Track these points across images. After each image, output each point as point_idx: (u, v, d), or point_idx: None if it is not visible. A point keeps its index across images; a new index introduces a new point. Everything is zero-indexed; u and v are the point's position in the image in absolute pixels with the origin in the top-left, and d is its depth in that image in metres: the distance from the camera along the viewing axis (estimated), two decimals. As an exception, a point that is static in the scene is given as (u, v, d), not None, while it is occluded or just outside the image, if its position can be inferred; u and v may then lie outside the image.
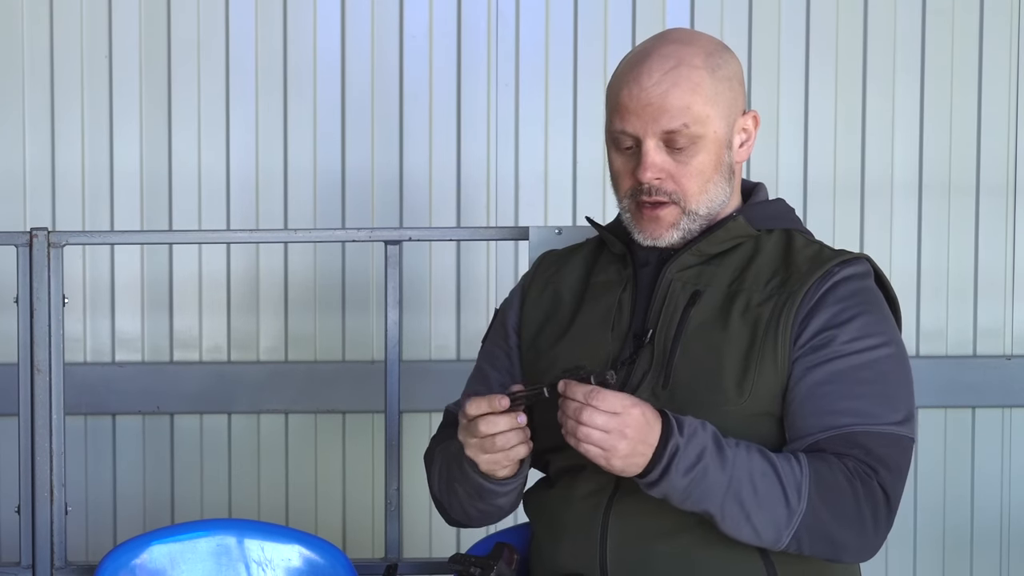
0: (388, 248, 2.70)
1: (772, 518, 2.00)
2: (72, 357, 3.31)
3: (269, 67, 3.42)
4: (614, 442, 1.94)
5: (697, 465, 1.96)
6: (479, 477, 2.09)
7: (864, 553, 2.09)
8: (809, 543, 2.02)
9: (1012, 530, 3.58)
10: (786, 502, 2.00)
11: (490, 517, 2.22)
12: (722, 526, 2.01)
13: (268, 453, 3.47)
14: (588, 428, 1.93)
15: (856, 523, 2.03)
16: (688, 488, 1.97)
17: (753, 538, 2.01)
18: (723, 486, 1.98)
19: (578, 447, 1.96)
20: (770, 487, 1.99)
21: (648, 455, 1.95)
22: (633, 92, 2.10)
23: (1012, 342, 3.56)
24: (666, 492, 1.98)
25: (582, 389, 1.94)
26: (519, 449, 2.04)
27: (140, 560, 2.40)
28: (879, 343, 2.09)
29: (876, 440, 2.05)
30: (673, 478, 1.96)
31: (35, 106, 3.40)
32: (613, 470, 1.96)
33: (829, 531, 2.02)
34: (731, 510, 1.99)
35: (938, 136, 3.53)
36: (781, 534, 2.01)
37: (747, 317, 2.09)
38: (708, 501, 1.98)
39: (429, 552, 3.44)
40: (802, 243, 2.17)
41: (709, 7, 3.46)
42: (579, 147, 3.46)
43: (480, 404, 2.01)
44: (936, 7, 3.51)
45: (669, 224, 2.13)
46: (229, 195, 3.43)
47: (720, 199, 2.15)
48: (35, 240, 2.64)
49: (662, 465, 1.95)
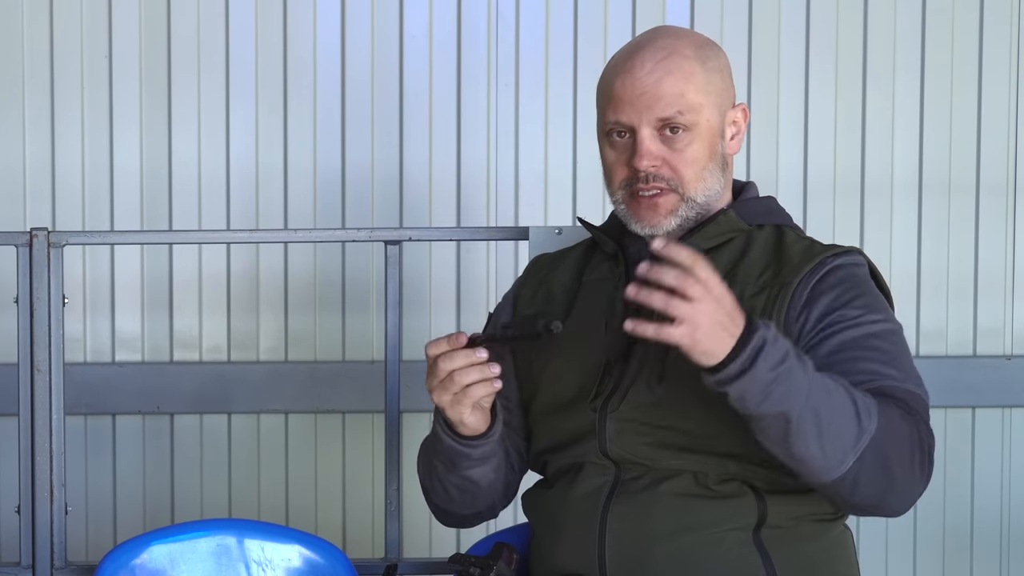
0: (388, 248, 2.70)
1: (842, 434, 1.92)
2: (72, 357, 3.31)
3: (269, 67, 3.43)
4: (709, 310, 1.84)
5: (783, 364, 1.89)
6: (449, 438, 2.11)
7: (907, 500, 2.02)
8: (868, 472, 1.95)
9: (1012, 530, 3.58)
10: (858, 420, 1.93)
11: (469, 498, 2.23)
12: (793, 438, 1.91)
13: (268, 453, 3.47)
14: (679, 300, 1.84)
15: (910, 464, 1.98)
16: (770, 386, 1.88)
17: (818, 456, 1.93)
18: (804, 391, 1.90)
19: (667, 309, 1.85)
20: (844, 403, 1.93)
21: (732, 340, 1.87)
22: (627, 82, 2.11)
23: (1012, 342, 3.56)
24: (745, 389, 1.88)
25: (684, 252, 1.85)
26: (478, 388, 2.03)
27: (140, 560, 2.40)
28: (882, 319, 2.09)
29: (905, 394, 2.03)
30: (759, 370, 1.87)
31: (35, 106, 3.40)
32: (697, 347, 1.86)
33: (890, 463, 1.96)
34: (807, 418, 1.90)
35: (938, 136, 3.53)
36: (847, 455, 1.93)
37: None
38: (788, 402, 1.89)
39: (429, 552, 3.44)
40: (793, 238, 2.17)
41: (709, 7, 3.46)
42: (579, 147, 3.46)
43: (439, 344, 2.03)
44: (936, 6, 3.51)
45: (667, 211, 2.13)
46: (229, 195, 3.43)
47: (715, 189, 2.16)
48: (35, 240, 2.64)
49: (747, 353, 1.86)
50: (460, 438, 2.13)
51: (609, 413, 2.13)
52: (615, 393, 2.13)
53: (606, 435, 2.13)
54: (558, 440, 2.20)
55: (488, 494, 2.25)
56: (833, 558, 2.16)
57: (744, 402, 1.90)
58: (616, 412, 2.12)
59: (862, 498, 1.99)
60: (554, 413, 2.21)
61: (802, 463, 1.95)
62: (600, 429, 2.13)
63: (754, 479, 2.09)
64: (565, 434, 2.18)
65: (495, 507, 2.32)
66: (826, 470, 1.95)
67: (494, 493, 2.27)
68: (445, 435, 2.13)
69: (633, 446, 2.10)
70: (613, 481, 2.12)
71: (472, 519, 2.33)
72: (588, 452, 2.15)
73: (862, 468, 1.95)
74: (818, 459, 1.94)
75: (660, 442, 2.09)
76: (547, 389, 2.23)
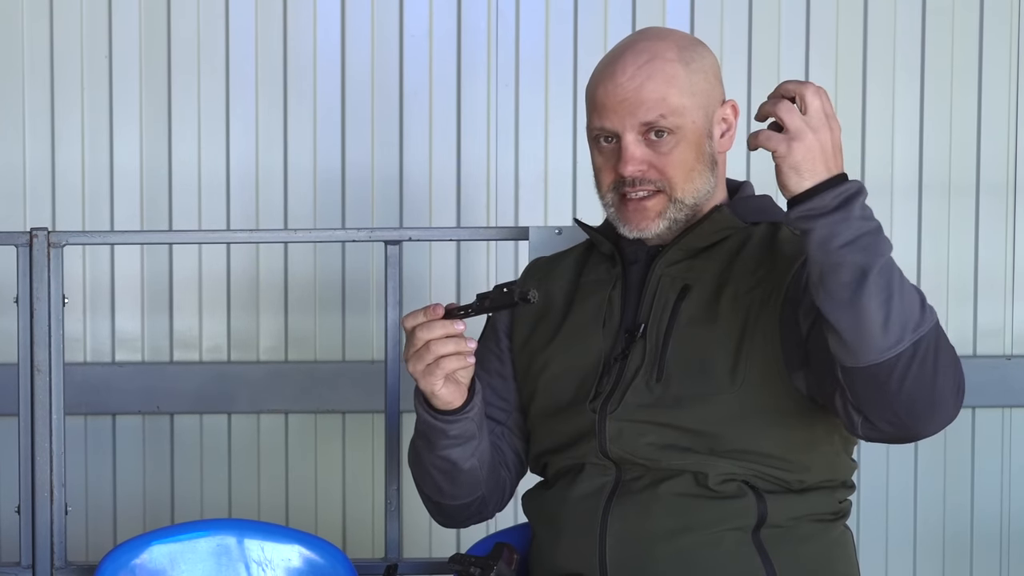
0: (388, 248, 2.70)
1: (907, 312, 1.88)
2: (72, 357, 3.31)
3: (269, 67, 3.43)
4: (801, 137, 1.87)
5: (872, 219, 1.89)
6: (425, 411, 2.12)
7: (940, 419, 1.94)
8: (920, 362, 1.89)
9: (1012, 530, 3.58)
10: (923, 306, 1.91)
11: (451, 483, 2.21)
12: (865, 294, 1.87)
13: (268, 453, 3.47)
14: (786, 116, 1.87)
15: (952, 377, 1.93)
16: (860, 232, 1.87)
17: (880, 325, 1.87)
18: (886, 253, 1.89)
19: (775, 110, 1.88)
20: (912, 289, 1.92)
21: (825, 173, 1.87)
22: (608, 89, 2.12)
23: (1012, 342, 3.56)
24: (835, 226, 1.87)
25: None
26: (452, 360, 2.04)
27: (140, 560, 2.40)
28: None
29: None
30: (854, 212, 1.87)
31: (35, 106, 3.40)
32: (792, 156, 1.86)
33: (939, 363, 1.91)
34: (883, 278, 1.88)
35: (938, 136, 3.53)
36: (905, 334, 1.88)
37: (736, 307, 2.09)
38: (872, 254, 1.87)
39: (429, 552, 3.44)
40: (787, 234, 2.17)
41: (709, 7, 3.46)
42: (579, 147, 3.46)
43: (416, 315, 2.05)
44: (936, 7, 3.51)
45: (656, 214, 2.14)
46: (229, 195, 3.43)
47: (705, 189, 2.16)
48: (35, 240, 2.64)
49: (846, 189, 1.87)
50: (435, 412, 2.13)
51: (609, 413, 2.13)
52: (614, 393, 2.13)
53: (606, 435, 2.13)
54: (558, 441, 2.20)
55: (472, 482, 2.23)
56: (833, 558, 2.16)
57: (830, 240, 1.87)
58: (615, 412, 2.12)
59: (902, 393, 1.90)
60: (553, 414, 2.21)
61: (863, 327, 1.87)
62: (600, 430, 2.13)
63: (754, 479, 2.09)
64: (565, 435, 2.19)
65: (485, 502, 2.29)
66: (883, 344, 1.87)
67: (478, 482, 2.24)
68: (421, 409, 2.14)
69: (633, 446, 2.11)
70: (614, 482, 2.12)
71: (463, 513, 2.30)
72: (588, 453, 2.15)
73: (915, 355, 1.89)
74: (878, 327, 1.87)
75: (660, 442, 2.09)
76: (545, 390, 2.23)
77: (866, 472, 3.41)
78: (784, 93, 1.91)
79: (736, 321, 2.08)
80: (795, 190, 1.88)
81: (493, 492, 2.29)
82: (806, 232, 1.88)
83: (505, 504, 2.35)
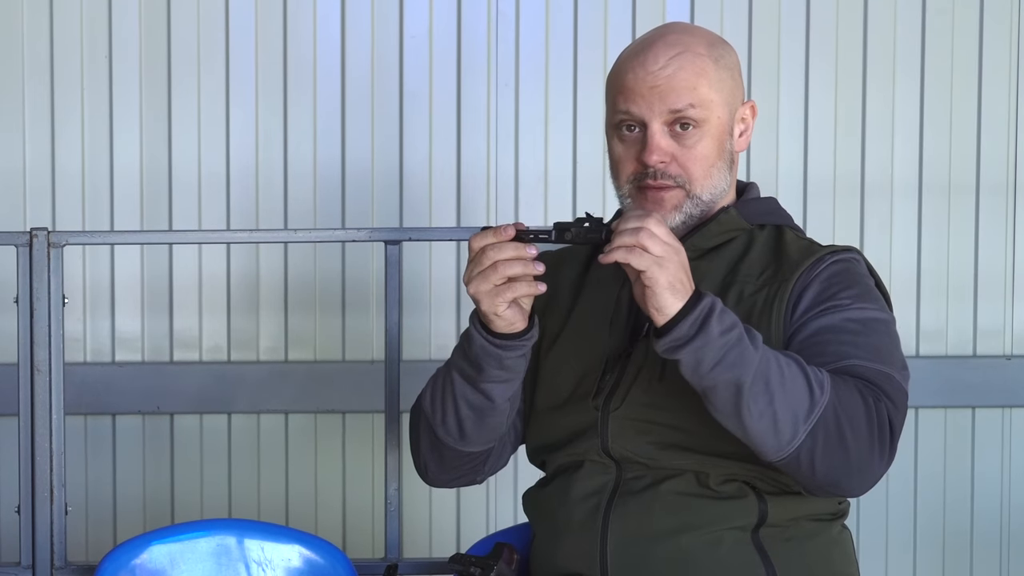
0: (388, 248, 2.70)
1: (794, 407, 1.92)
2: (72, 357, 3.31)
3: (269, 67, 3.43)
4: (672, 252, 1.90)
5: (733, 330, 1.91)
6: (482, 336, 2.03)
7: (866, 479, 2.00)
8: (823, 446, 1.94)
9: (1012, 530, 3.58)
10: (809, 393, 1.93)
11: (474, 425, 2.14)
12: (744, 407, 1.91)
13: (268, 453, 3.47)
14: (652, 232, 1.90)
15: (868, 440, 1.96)
16: (723, 349, 1.90)
17: (770, 430, 1.93)
18: (755, 360, 1.91)
19: (630, 255, 1.90)
20: (796, 375, 1.94)
21: (686, 294, 1.90)
22: (639, 75, 2.12)
23: (1012, 342, 3.56)
24: (700, 353, 1.90)
25: (637, 211, 1.96)
26: (522, 285, 1.97)
27: (140, 560, 2.40)
28: (872, 307, 2.09)
29: (873, 373, 2.02)
30: (712, 333, 1.89)
31: (35, 106, 3.40)
32: (653, 299, 1.90)
33: (844, 438, 1.95)
34: (758, 387, 1.91)
35: (938, 136, 3.53)
36: (799, 427, 1.92)
37: (740, 307, 2.09)
38: (740, 368, 1.90)
39: (429, 552, 3.44)
40: (792, 238, 2.18)
41: (709, 7, 3.46)
42: (579, 147, 3.46)
43: (486, 235, 1.97)
44: (936, 7, 3.51)
45: (673, 206, 2.14)
46: (229, 195, 3.43)
47: (721, 186, 2.16)
48: (35, 240, 2.64)
49: (698, 313, 1.90)
50: (494, 336, 2.03)
51: (611, 411, 2.13)
52: (616, 391, 2.13)
53: (608, 433, 2.13)
54: (558, 437, 2.20)
55: (494, 427, 2.17)
56: (833, 558, 2.16)
57: (699, 367, 1.91)
58: (618, 410, 2.12)
59: (817, 475, 1.97)
60: (554, 409, 2.21)
61: (755, 436, 1.94)
62: (602, 427, 2.13)
63: (755, 480, 2.09)
64: (565, 430, 2.18)
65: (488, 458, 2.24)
66: (778, 444, 1.94)
67: (498, 429, 2.18)
68: (478, 334, 2.04)
69: (634, 445, 2.11)
70: (615, 481, 2.12)
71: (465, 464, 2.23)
72: (589, 450, 2.15)
73: (816, 441, 1.94)
74: (770, 432, 1.93)
75: (661, 441, 2.10)
76: (547, 384, 2.23)
77: (866, 472, 3.41)
78: (627, 242, 1.91)
79: (740, 320, 2.09)
80: (671, 312, 1.90)
81: (497, 450, 2.25)
82: (676, 361, 1.92)
83: (497, 470, 2.31)
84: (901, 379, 2.05)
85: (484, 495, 3.46)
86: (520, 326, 2.03)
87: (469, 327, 2.07)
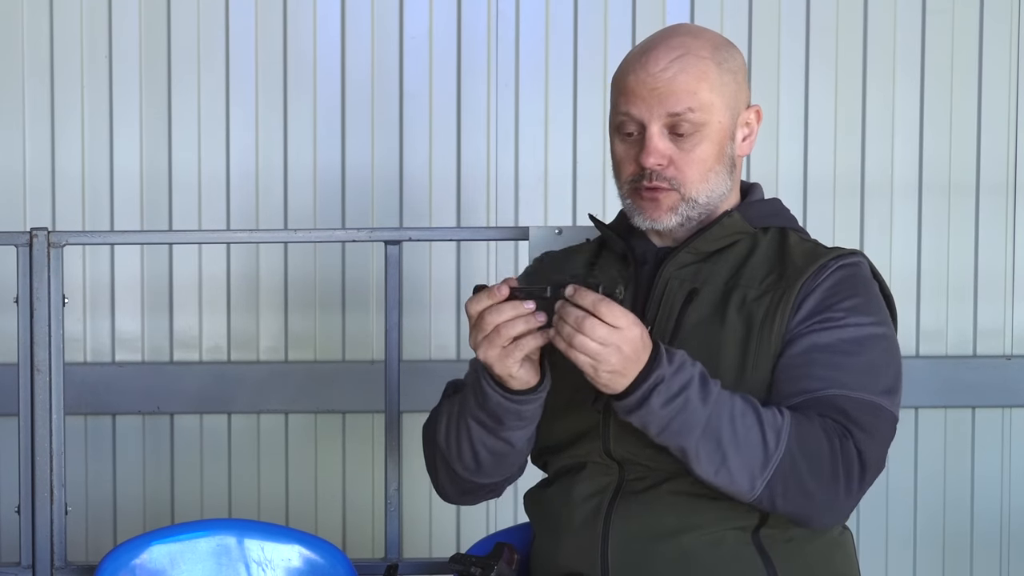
0: (388, 248, 2.70)
1: (749, 461, 1.97)
2: (72, 357, 3.31)
3: (269, 67, 3.43)
4: (608, 355, 1.91)
5: (678, 398, 1.94)
6: (499, 395, 2.02)
7: (834, 515, 2.06)
8: (783, 493, 1.99)
9: (1012, 531, 3.58)
10: (764, 445, 1.98)
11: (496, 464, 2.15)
12: (696, 466, 1.98)
13: (268, 453, 3.47)
14: (585, 337, 1.90)
15: (831, 480, 2.01)
16: (667, 420, 1.95)
17: (727, 482, 1.99)
18: (702, 423, 1.95)
19: (568, 353, 1.93)
20: (749, 429, 1.98)
21: (631, 376, 1.93)
22: (640, 77, 2.12)
23: (1012, 342, 3.56)
24: (645, 421, 1.96)
25: (591, 297, 1.91)
26: (528, 340, 1.96)
27: (140, 560, 2.40)
28: (869, 322, 2.09)
29: (853, 404, 2.04)
30: (653, 406, 1.94)
31: (35, 106, 3.40)
32: (598, 382, 1.94)
33: (804, 483, 1.99)
34: (707, 448, 1.96)
35: (938, 136, 3.53)
36: (756, 481, 1.98)
37: (743, 312, 2.09)
38: (685, 436, 1.96)
39: (429, 552, 3.44)
40: (796, 241, 2.18)
41: (709, 7, 3.46)
42: (579, 147, 3.46)
43: (480, 299, 1.96)
44: (936, 7, 3.51)
45: (668, 208, 2.14)
46: (229, 195, 3.43)
47: (720, 190, 2.16)
48: (35, 240, 2.64)
49: (642, 391, 1.94)
50: (511, 394, 2.03)
51: (613, 414, 2.12)
52: (618, 393, 2.13)
53: (609, 435, 2.13)
54: (560, 439, 2.20)
55: (514, 463, 2.19)
56: (833, 558, 2.16)
57: (647, 430, 1.98)
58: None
59: (786, 513, 2.04)
60: (556, 412, 2.20)
61: (717, 487, 2.01)
62: (604, 429, 2.13)
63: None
64: (568, 433, 2.18)
65: (508, 481, 2.26)
66: (740, 494, 2.01)
67: (519, 461, 2.21)
68: (494, 392, 2.03)
69: (636, 446, 2.10)
70: (617, 482, 2.12)
71: (483, 491, 2.25)
72: (591, 452, 2.15)
73: (775, 490, 1.99)
74: (728, 485, 2.00)
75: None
76: (551, 387, 2.22)
77: (866, 472, 3.41)
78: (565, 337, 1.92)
79: (741, 327, 2.09)
80: (612, 391, 1.96)
81: (516, 474, 2.26)
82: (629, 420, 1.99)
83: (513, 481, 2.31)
84: (887, 404, 2.06)
85: (484, 495, 3.46)
86: (534, 381, 2.03)
87: (481, 381, 2.05)
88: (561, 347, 1.93)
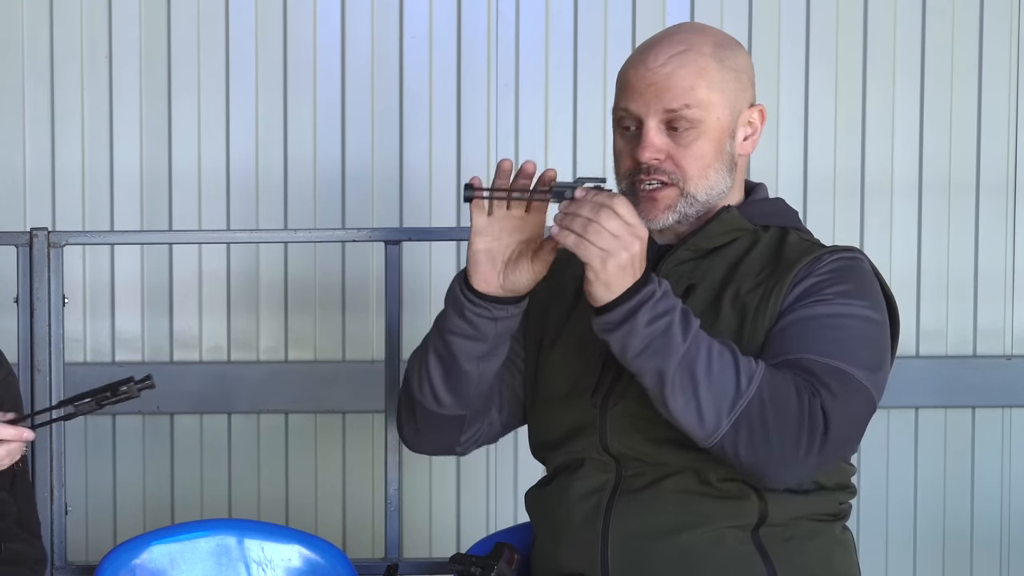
0: (388, 248, 2.70)
1: (718, 397, 1.96)
2: (72, 357, 3.31)
3: (269, 67, 3.43)
4: (619, 248, 1.93)
5: (663, 318, 1.95)
6: (459, 284, 2.14)
7: (790, 473, 2.03)
8: (747, 438, 1.97)
9: (1012, 531, 3.58)
10: (736, 384, 1.97)
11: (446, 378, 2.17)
12: (669, 394, 1.97)
13: (268, 453, 3.47)
14: (600, 227, 1.93)
15: (795, 434, 1.99)
16: (648, 339, 1.95)
17: (694, 419, 1.97)
18: (681, 350, 1.96)
19: (577, 246, 1.95)
20: (725, 366, 1.97)
21: (626, 285, 1.95)
22: (639, 72, 2.13)
23: (1012, 342, 3.56)
24: (626, 340, 1.96)
25: (605, 193, 1.96)
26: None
27: (140, 560, 2.40)
28: (857, 304, 2.09)
29: (824, 369, 2.03)
30: (639, 322, 1.95)
31: (35, 106, 3.40)
32: (603, 274, 1.94)
33: (768, 431, 1.98)
34: (681, 378, 1.96)
35: (938, 136, 3.53)
36: (722, 420, 1.97)
37: (736, 304, 2.10)
38: (663, 358, 1.95)
39: (429, 552, 3.44)
40: (796, 239, 2.18)
41: (709, 7, 3.46)
42: (579, 147, 3.46)
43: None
44: (936, 7, 3.51)
45: (666, 206, 2.14)
46: (229, 195, 3.43)
47: (719, 188, 2.16)
48: (35, 240, 2.64)
49: (631, 304, 1.95)
50: (468, 288, 2.13)
51: (610, 408, 2.13)
52: (615, 388, 2.13)
53: (606, 430, 2.13)
54: (557, 434, 2.20)
55: (464, 393, 2.18)
56: (833, 558, 2.16)
57: (624, 352, 1.97)
58: (616, 407, 2.12)
59: (743, 464, 2.01)
60: (553, 405, 2.21)
61: (681, 423, 1.99)
62: (600, 424, 2.13)
63: (756, 479, 2.09)
64: (564, 428, 2.18)
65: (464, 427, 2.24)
66: (704, 432, 1.98)
67: (469, 394, 2.19)
68: (456, 281, 2.15)
69: (634, 442, 2.11)
70: (615, 479, 2.12)
71: (441, 425, 2.24)
72: (588, 447, 2.15)
73: (739, 432, 1.97)
74: (694, 420, 1.97)
75: (660, 438, 2.09)
76: (548, 379, 2.23)
77: (866, 472, 3.41)
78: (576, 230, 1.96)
79: (735, 318, 2.09)
80: (602, 301, 1.97)
81: (475, 421, 2.25)
82: (607, 342, 1.99)
83: (480, 445, 2.31)
84: (861, 377, 2.05)
85: (484, 495, 3.46)
86: (525, 290, 2.10)
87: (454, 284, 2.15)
88: (569, 241, 1.95)
